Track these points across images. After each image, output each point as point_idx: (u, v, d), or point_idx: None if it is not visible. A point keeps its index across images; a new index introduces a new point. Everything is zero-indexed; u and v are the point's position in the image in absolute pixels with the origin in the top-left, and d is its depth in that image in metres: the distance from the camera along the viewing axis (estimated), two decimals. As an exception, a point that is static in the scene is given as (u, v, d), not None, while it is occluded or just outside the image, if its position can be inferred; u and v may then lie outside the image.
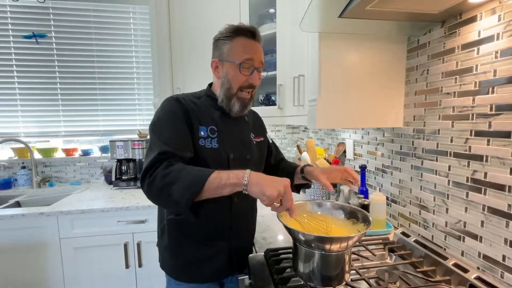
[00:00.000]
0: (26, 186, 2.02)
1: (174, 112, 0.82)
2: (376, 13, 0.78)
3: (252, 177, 0.67)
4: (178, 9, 1.75)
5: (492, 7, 0.72)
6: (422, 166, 0.98)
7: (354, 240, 0.67)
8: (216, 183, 0.67)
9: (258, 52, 0.86)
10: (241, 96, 0.87)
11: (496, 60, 0.71)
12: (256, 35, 0.86)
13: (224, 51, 0.86)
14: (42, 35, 2.07)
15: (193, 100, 0.88)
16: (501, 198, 0.71)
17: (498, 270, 0.72)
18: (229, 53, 0.85)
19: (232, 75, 0.85)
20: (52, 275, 1.54)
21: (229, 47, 0.85)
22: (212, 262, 0.88)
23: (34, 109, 2.13)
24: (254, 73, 0.86)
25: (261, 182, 0.66)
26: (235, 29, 0.85)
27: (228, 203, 0.87)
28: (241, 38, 0.84)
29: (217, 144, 0.85)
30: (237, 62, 0.84)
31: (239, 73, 0.84)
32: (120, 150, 1.95)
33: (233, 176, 0.68)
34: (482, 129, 0.75)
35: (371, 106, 1.02)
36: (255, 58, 0.85)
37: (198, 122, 0.84)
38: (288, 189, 0.66)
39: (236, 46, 0.84)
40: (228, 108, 0.89)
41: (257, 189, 0.65)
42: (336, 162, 1.50)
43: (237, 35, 0.84)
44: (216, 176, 0.68)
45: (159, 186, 0.69)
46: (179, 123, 0.81)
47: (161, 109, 0.84)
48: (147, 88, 2.25)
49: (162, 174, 0.69)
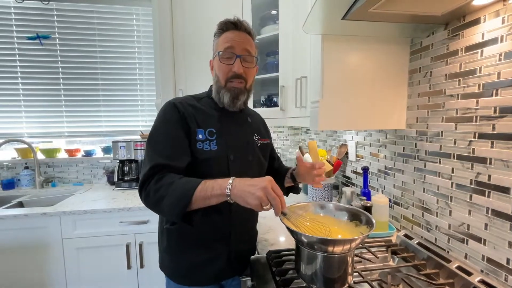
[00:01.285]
0: (29, 186, 2.03)
1: (169, 121, 0.83)
2: (379, 15, 0.78)
3: (234, 187, 0.66)
4: (180, 11, 1.76)
5: (496, 9, 0.72)
6: (425, 168, 0.98)
7: (356, 243, 0.67)
8: (202, 195, 0.69)
9: (240, 40, 0.85)
10: (230, 86, 0.87)
11: (500, 62, 0.71)
12: (238, 25, 0.86)
13: (214, 48, 0.90)
14: (46, 37, 2.08)
15: (191, 103, 0.88)
16: (505, 201, 0.71)
17: (502, 273, 0.72)
18: (215, 48, 0.89)
19: (217, 67, 0.88)
20: (54, 275, 1.54)
21: (216, 42, 0.88)
22: (211, 265, 0.88)
23: (37, 110, 2.14)
24: (236, 61, 0.84)
25: (242, 191, 0.65)
26: (221, 25, 0.87)
27: (227, 207, 0.86)
28: (226, 32, 0.86)
29: (216, 146, 0.84)
30: (217, 52, 0.86)
31: (220, 62, 0.85)
32: (123, 151, 1.96)
33: (217, 187, 0.68)
34: (485, 132, 0.75)
35: (374, 108, 1.02)
36: (235, 46, 0.84)
37: (196, 125, 0.84)
38: (267, 190, 0.63)
39: (220, 39, 0.86)
40: (220, 102, 0.89)
41: (240, 200, 0.66)
42: (338, 163, 1.50)
43: (224, 30, 0.86)
44: (202, 188, 0.69)
45: (153, 200, 0.73)
46: (174, 131, 0.81)
47: (158, 117, 0.85)
48: (150, 89, 2.26)
49: (154, 188, 0.72)
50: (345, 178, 1.59)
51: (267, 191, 0.63)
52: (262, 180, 0.65)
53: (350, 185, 1.52)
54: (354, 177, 1.49)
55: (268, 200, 0.63)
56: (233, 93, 0.87)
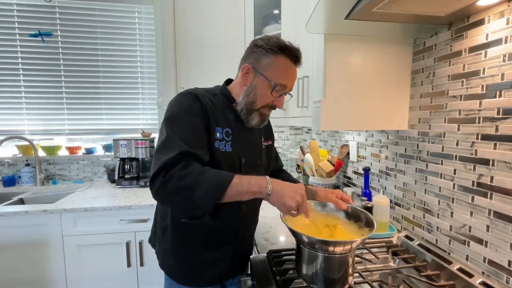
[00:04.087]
0: (30, 183, 2.04)
1: (193, 110, 0.77)
2: (382, 15, 0.78)
3: (274, 186, 0.69)
4: (183, 9, 1.75)
5: (501, 10, 0.71)
6: (426, 169, 0.97)
7: (357, 243, 0.67)
8: (237, 189, 0.67)
9: (294, 79, 0.84)
10: (263, 112, 0.85)
11: (504, 63, 0.70)
12: (299, 61, 0.82)
13: (262, 63, 0.80)
14: (48, 34, 2.08)
15: (210, 97, 0.83)
16: (507, 203, 0.70)
17: (503, 276, 0.72)
18: (267, 68, 0.80)
19: (261, 92, 0.82)
20: (54, 273, 1.55)
21: (269, 61, 0.80)
22: (215, 267, 0.88)
23: (38, 107, 2.14)
24: (282, 97, 0.84)
25: (282, 192, 0.68)
26: (283, 46, 0.80)
27: (236, 210, 0.86)
28: (285, 58, 0.80)
29: (231, 147, 0.82)
30: (272, 83, 0.80)
31: (270, 94, 0.81)
32: (124, 149, 1.96)
33: (255, 183, 0.68)
34: (488, 133, 0.75)
35: (376, 108, 1.02)
36: (289, 85, 0.83)
37: (215, 123, 0.81)
38: (305, 198, 0.69)
39: (277, 65, 0.80)
40: (245, 119, 0.85)
41: (278, 200, 0.68)
42: (340, 164, 1.49)
43: (282, 53, 0.80)
44: (238, 182, 0.67)
45: (176, 187, 0.65)
46: (198, 122, 0.76)
47: (177, 103, 0.78)
48: (151, 87, 2.26)
49: (179, 175, 0.65)
50: (346, 178, 1.58)
51: (304, 199, 0.69)
52: (300, 187, 0.71)
53: (351, 186, 1.52)
54: (355, 178, 1.48)
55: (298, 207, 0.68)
56: (263, 117, 0.86)
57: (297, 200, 0.67)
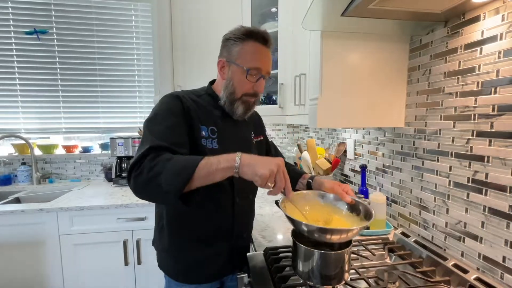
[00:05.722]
0: (26, 182, 2.02)
1: (172, 109, 0.79)
2: (378, 12, 0.77)
3: (244, 158, 0.65)
4: (179, 7, 1.74)
5: (496, 7, 0.71)
6: (422, 167, 0.98)
7: (353, 233, 0.67)
8: (206, 169, 0.64)
9: (267, 61, 0.84)
10: (245, 99, 0.85)
11: (499, 60, 0.71)
12: (268, 42, 0.83)
13: (233, 52, 0.83)
14: (43, 32, 2.06)
15: (193, 98, 0.85)
16: (502, 199, 0.71)
17: (498, 271, 0.72)
18: (238, 56, 0.82)
19: (237, 80, 0.83)
20: (51, 271, 1.54)
21: (239, 49, 0.82)
22: (213, 263, 0.88)
23: (34, 106, 2.12)
24: (260, 81, 0.84)
25: (253, 162, 0.64)
26: (248, 31, 0.81)
27: (230, 204, 0.86)
28: (253, 43, 0.81)
29: (217, 144, 0.83)
30: (245, 68, 0.81)
31: (245, 79, 0.82)
32: (121, 147, 1.95)
33: (224, 160, 0.65)
34: (484, 130, 0.75)
35: (373, 106, 1.02)
36: (263, 68, 0.83)
37: (199, 121, 0.82)
38: (280, 168, 0.63)
39: (246, 50, 0.81)
40: (230, 111, 0.87)
41: (249, 170, 0.63)
42: (337, 161, 1.49)
43: (249, 38, 0.81)
44: (206, 162, 0.65)
45: (146, 178, 0.64)
46: (176, 119, 0.77)
47: (158, 105, 0.81)
48: (148, 85, 2.25)
49: (149, 165, 0.65)
50: (343, 176, 1.59)
51: (279, 169, 0.63)
52: (276, 158, 0.65)
53: (348, 183, 1.52)
54: (352, 175, 1.49)
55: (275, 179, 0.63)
56: (247, 106, 0.86)
57: (271, 169, 0.61)
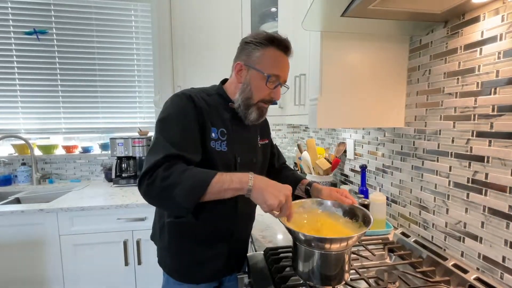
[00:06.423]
0: (26, 182, 2.02)
1: (186, 111, 0.77)
2: (378, 13, 0.77)
3: (256, 182, 0.67)
4: (179, 7, 1.74)
5: (496, 7, 0.71)
6: (422, 167, 0.98)
7: (353, 240, 0.67)
8: (218, 187, 0.67)
9: (287, 69, 0.85)
10: (260, 105, 0.85)
11: (499, 60, 0.71)
12: (289, 50, 0.83)
13: (253, 57, 0.82)
14: (43, 32, 2.06)
15: (204, 97, 0.84)
16: (501, 199, 0.71)
17: (497, 271, 0.72)
18: (258, 61, 0.81)
19: (256, 85, 0.82)
20: (51, 272, 1.54)
21: (259, 54, 0.81)
22: (212, 263, 0.88)
23: (34, 106, 2.12)
24: (277, 89, 0.84)
25: (264, 188, 0.66)
26: (271, 37, 0.81)
27: (233, 207, 0.86)
28: (274, 49, 0.81)
29: (226, 147, 0.83)
30: (265, 74, 0.80)
31: (264, 85, 0.82)
32: (121, 147, 1.95)
33: (236, 180, 0.67)
34: (483, 130, 0.75)
35: (372, 106, 1.02)
36: (282, 75, 0.83)
37: (210, 123, 0.81)
38: (289, 198, 0.67)
39: (268, 56, 0.81)
40: (244, 116, 0.86)
41: (259, 197, 0.66)
42: (337, 161, 1.50)
43: (271, 44, 0.81)
44: (219, 179, 0.67)
45: (159, 188, 0.66)
46: (190, 124, 0.77)
47: (171, 105, 0.79)
48: (148, 86, 2.25)
49: (163, 176, 0.66)
50: (343, 176, 1.59)
51: (288, 200, 0.67)
52: (285, 187, 0.68)
53: (348, 183, 1.53)
54: (352, 175, 1.49)
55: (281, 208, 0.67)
56: (261, 112, 0.86)
57: (280, 200, 0.65)
